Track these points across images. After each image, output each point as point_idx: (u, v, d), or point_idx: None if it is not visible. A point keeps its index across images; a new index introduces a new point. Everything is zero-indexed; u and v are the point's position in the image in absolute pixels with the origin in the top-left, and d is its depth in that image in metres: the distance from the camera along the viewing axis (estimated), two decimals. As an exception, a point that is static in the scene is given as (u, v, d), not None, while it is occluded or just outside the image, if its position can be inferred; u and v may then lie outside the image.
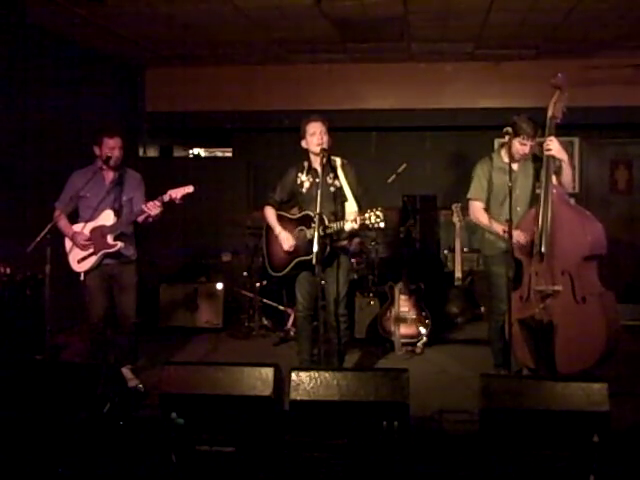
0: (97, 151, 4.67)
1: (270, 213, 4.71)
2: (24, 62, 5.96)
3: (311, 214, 4.34)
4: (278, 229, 4.62)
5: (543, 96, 4.56)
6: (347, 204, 4.45)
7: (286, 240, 4.56)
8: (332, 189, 4.51)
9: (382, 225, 4.18)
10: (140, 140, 8.28)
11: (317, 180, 4.41)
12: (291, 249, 4.54)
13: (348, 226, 4.30)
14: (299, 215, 4.61)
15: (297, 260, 4.53)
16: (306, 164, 4.61)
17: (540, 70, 7.10)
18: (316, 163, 4.51)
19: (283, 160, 4.88)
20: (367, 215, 4.18)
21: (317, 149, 4.43)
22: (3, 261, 5.05)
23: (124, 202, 4.70)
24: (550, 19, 6.00)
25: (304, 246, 4.46)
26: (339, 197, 4.51)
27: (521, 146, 4.49)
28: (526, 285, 4.42)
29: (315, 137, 4.44)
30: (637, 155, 8.07)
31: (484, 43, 6.86)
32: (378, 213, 4.15)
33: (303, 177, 4.60)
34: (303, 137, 4.52)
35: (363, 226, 4.25)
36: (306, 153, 4.58)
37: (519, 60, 7.46)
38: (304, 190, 4.58)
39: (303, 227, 4.52)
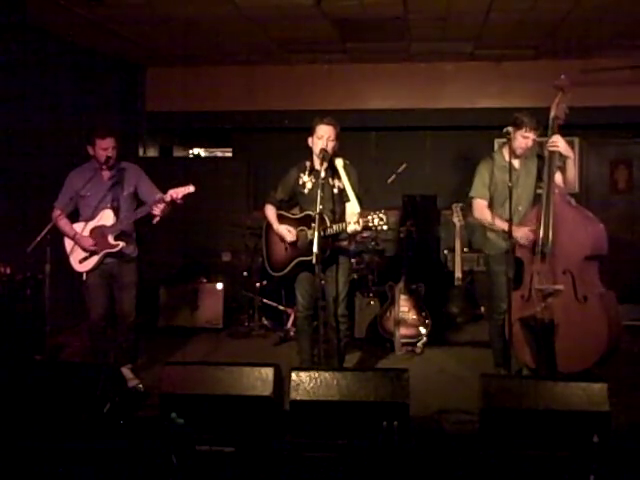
0: (91, 151, 4.64)
1: (270, 211, 4.69)
2: (24, 62, 5.96)
3: (312, 214, 4.29)
4: (276, 224, 4.60)
5: (543, 96, 4.56)
6: (349, 205, 4.41)
7: (287, 232, 4.53)
8: (334, 190, 4.49)
9: (385, 228, 4.16)
10: (140, 140, 8.27)
11: (319, 181, 4.39)
12: (294, 239, 4.50)
13: (351, 228, 4.25)
14: (300, 215, 4.58)
15: (297, 260, 4.51)
16: (308, 164, 4.57)
17: (540, 70, 7.13)
18: (318, 164, 4.47)
19: (283, 160, 4.87)
20: (370, 217, 4.14)
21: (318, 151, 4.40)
22: (3, 261, 5.05)
23: (124, 197, 4.68)
24: (550, 19, 6.00)
25: (304, 246, 4.44)
26: (340, 198, 4.48)
27: (523, 139, 4.48)
28: (527, 284, 4.41)
29: (321, 141, 4.38)
30: (637, 155, 8.07)
31: (484, 43, 6.85)
32: (382, 216, 4.12)
33: (305, 178, 4.58)
34: (311, 135, 4.45)
35: (366, 228, 4.23)
36: (309, 152, 4.54)
37: (519, 60, 7.45)
38: (306, 191, 4.56)
39: (304, 227, 4.50)
